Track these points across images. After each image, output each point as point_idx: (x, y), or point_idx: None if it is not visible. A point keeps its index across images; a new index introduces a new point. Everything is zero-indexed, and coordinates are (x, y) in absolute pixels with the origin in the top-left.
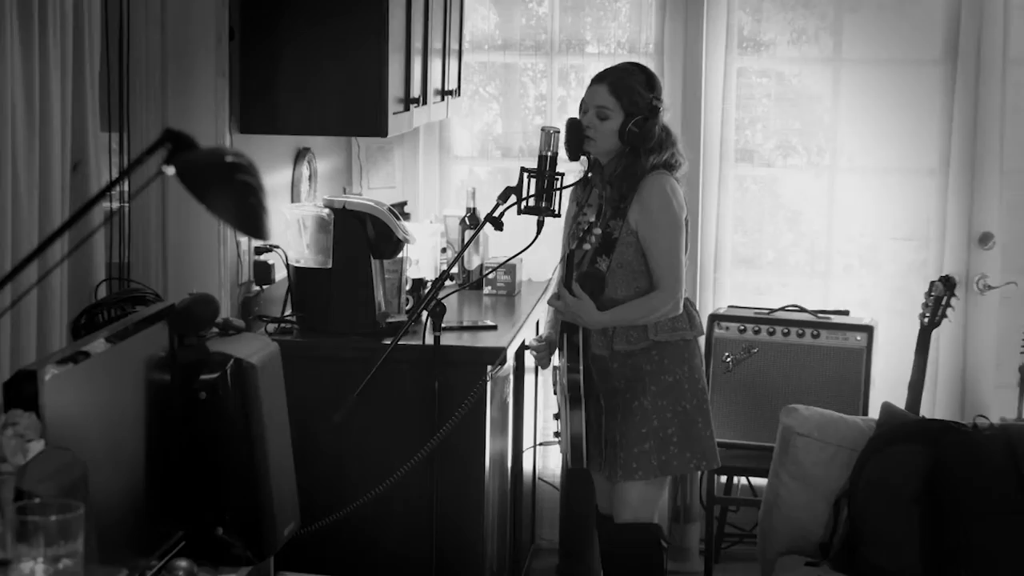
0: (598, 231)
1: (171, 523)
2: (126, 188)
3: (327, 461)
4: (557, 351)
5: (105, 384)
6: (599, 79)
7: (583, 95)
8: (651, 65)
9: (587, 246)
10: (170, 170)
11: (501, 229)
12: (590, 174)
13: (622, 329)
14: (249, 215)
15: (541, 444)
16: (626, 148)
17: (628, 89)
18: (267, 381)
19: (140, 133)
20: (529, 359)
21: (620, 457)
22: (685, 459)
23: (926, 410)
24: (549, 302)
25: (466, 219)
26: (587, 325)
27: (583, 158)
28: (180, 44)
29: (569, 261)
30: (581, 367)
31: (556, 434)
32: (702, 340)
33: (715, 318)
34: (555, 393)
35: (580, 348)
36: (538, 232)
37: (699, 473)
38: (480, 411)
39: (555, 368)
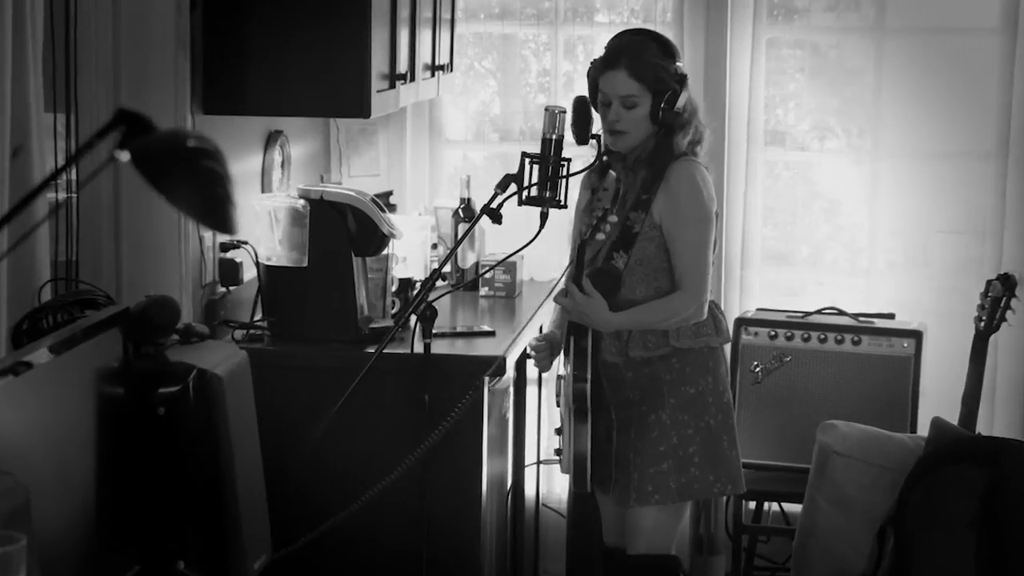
0: (613, 218)
1: (126, 556)
2: (74, 176)
3: (303, 485)
4: (562, 356)
5: (50, 399)
6: (612, 64)
7: (592, 81)
8: (671, 34)
9: (601, 235)
10: (124, 156)
11: (500, 222)
12: (605, 158)
13: (639, 333)
14: (213, 207)
15: (542, 462)
16: (660, 131)
17: (649, 67)
18: (234, 394)
19: (89, 114)
20: (532, 370)
21: (634, 478)
22: (708, 482)
23: (983, 426)
24: (555, 299)
25: (460, 211)
26: (597, 327)
27: (592, 142)
28: (135, 13)
29: (580, 253)
30: (589, 375)
31: (557, 451)
32: (728, 348)
33: (742, 322)
34: (558, 405)
35: (589, 354)
36: (541, 225)
37: (724, 499)
38: (476, 428)
39: (559, 376)
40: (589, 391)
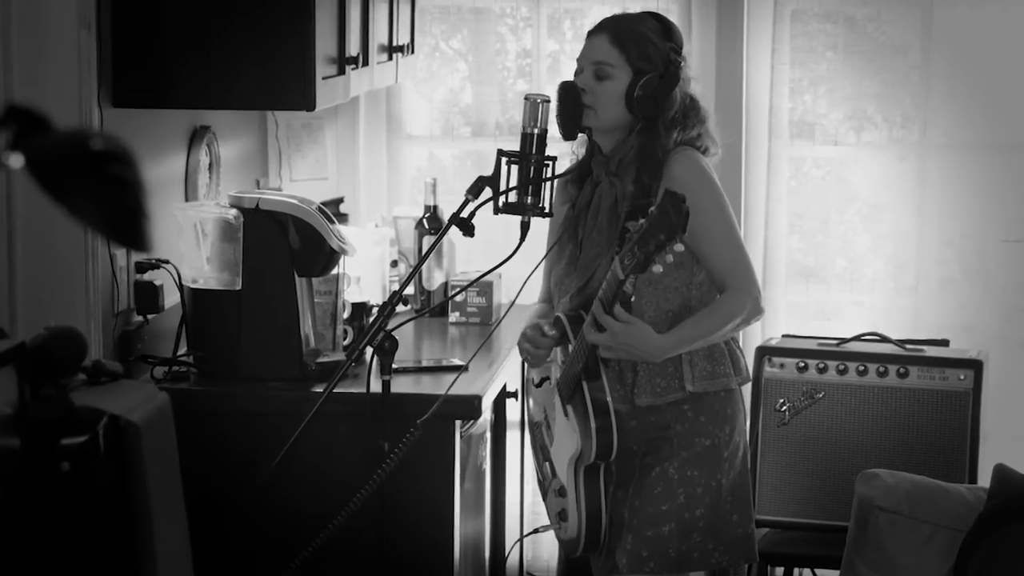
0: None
1: None
2: None
3: (239, 550)
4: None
5: None
6: (598, 29)
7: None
8: (676, 8)
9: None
10: (16, 160)
11: (472, 234)
12: (574, 152)
13: (646, 376)
14: (124, 220)
15: (537, 531)
16: (636, 123)
17: (635, 36)
18: (154, 445)
19: None
20: (513, 411)
21: (626, 540)
22: (707, 551)
23: None
24: (588, 337)
25: (425, 221)
26: (648, 358)
27: (581, 136)
28: None
29: (615, 285)
30: (614, 429)
31: (561, 515)
32: (747, 388)
33: (765, 352)
34: (540, 457)
35: (610, 406)
36: (522, 238)
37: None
38: (447, 483)
39: (537, 424)
40: (615, 445)
